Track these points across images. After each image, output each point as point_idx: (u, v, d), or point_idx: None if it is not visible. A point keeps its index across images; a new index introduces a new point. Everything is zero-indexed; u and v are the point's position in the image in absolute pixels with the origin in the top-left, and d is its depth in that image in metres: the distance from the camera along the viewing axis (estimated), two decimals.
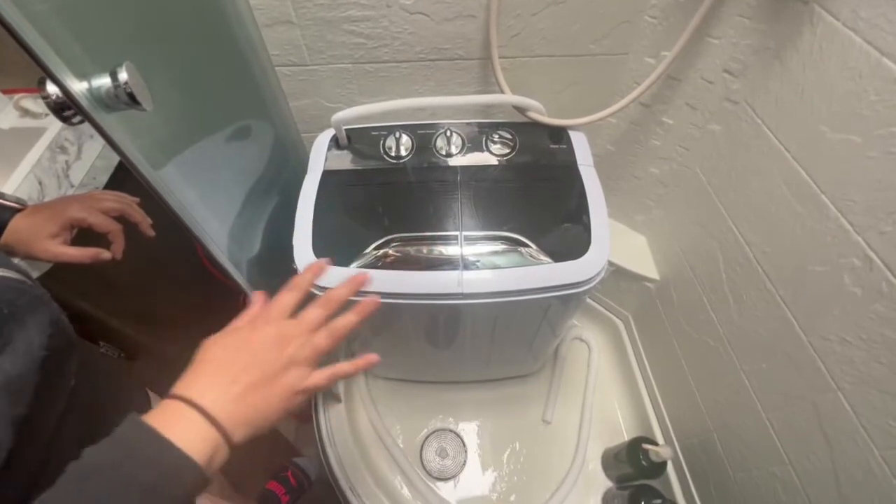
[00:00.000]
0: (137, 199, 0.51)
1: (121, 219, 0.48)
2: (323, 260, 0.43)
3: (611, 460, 0.89)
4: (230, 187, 0.63)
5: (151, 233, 0.50)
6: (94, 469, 0.25)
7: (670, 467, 0.81)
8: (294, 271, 0.59)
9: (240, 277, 0.60)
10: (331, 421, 0.89)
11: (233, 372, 0.32)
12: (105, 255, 0.45)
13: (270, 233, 0.67)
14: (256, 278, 0.62)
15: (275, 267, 0.64)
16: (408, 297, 0.57)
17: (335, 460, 0.84)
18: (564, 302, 0.61)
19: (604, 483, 0.89)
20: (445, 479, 0.90)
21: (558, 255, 0.57)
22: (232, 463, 0.33)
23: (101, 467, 0.25)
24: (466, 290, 0.56)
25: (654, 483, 0.78)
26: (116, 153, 0.38)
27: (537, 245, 0.58)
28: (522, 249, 0.58)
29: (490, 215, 0.60)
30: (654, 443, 0.78)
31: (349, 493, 0.80)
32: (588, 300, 1.03)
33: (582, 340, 1.06)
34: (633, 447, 0.78)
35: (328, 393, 0.90)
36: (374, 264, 0.59)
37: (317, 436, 0.88)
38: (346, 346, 0.97)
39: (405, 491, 0.88)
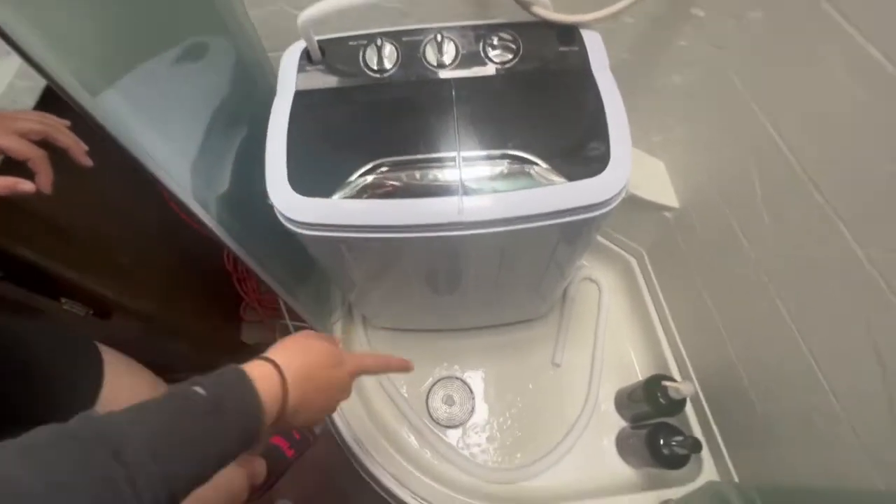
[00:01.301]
0: (67, 122, 0.42)
1: (46, 145, 0.40)
2: (410, 362, 0.51)
3: (624, 400, 0.85)
4: (189, 117, 0.54)
5: (87, 161, 0.42)
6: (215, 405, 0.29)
7: (688, 404, 0.77)
8: (269, 207, 0.51)
9: (209, 219, 0.52)
10: None
11: (313, 377, 0.39)
12: (25, 186, 0.37)
13: (241, 167, 0.59)
14: (229, 219, 0.55)
15: (249, 205, 0.56)
16: (401, 229, 0.50)
17: (337, 414, 0.80)
18: (579, 229, 0.54)
19: (617, 423, 0.86)
20: (454, 427, 0.87)
21: (572, 173, 0.49)
22: None
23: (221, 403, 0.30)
24: (468, 219, 0.49)
25: (671, 421, 0.74)
26: (41, 75, 0.30)
27: (547, 163, 0.50)
28: (530, 169, 0.50)
29: (491, 132, 0.52)
30: (673, 380, 0.73)
31: (355, 447, 0.77)
32: (598, 238, 0.96)
33: (592, 281, 1.00)
34: (650, 385, 0.74)
35: None
36: (360, 194, 0.51)
37: None
38: (341, 298, 0.91)
39: (412, 440, 0.85)
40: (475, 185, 0.50)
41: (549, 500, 0.77)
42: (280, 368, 0.36)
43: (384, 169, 0.51)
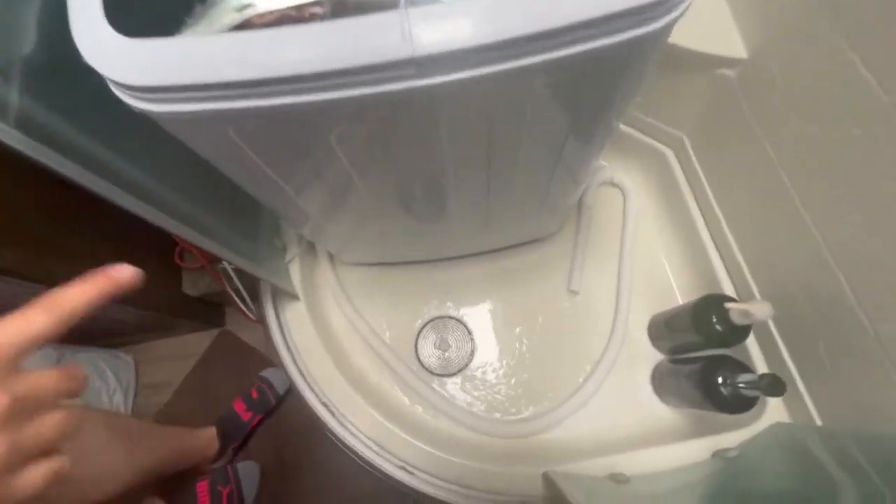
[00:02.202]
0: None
1: None
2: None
3: (661, 329, 0.68)
4: None
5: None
6: None
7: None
8: (86, 70, 0.29)
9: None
10: (288, 325, 0.67)
11: None
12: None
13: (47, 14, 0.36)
14: (35, 85, 0.33)
15: (64, 66, 0.34)
16: (306, 83, 0.28)
17: (300, 372, 0.64)
18: (612, 71, 0.32)
19: (653, 357, 0.69)
20: (450, 375, 0.71)
21: None
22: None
23: None
24: (422, 52, 0.27)
25: (727, 352, 0.57)
26: None
27: None
28: None
29: None
30: (732, 299, 0.55)
31: (321, 409, 0.61)
32: (621, 127, 0.73)
33: (613, 184, 0.79)
34: (702, 308, 0.56)
35: (278, 291, 0.67)
36: (230, 26, 0.29)
37: (275, 346, 0.66)
38: (296, 234, 0.71)
39: (399, 394, 0.69)
40: None
41: (572, 455, 0.62)
42: None
43: None
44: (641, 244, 0.74)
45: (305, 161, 0.39)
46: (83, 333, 0.83)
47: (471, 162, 0.43)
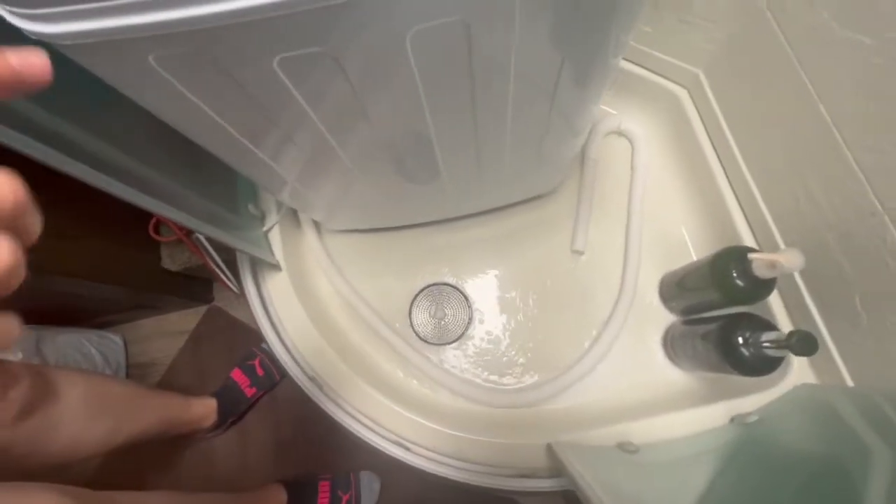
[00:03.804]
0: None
1: None
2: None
3: (673, 289, 0.63)
4: None
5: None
6: None
7: None
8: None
9: None
10: (271, 297, 0.62)
11: None
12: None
13: None
14: None
15: None
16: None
17: (284, 348, 0.60)
18: None
19: (664, 319, 0.64)
20: (447, 344, 0.67)
21: None
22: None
23: None
24: None
25: (748, 310, 0.51)
26: None
27: None
28: None
29: None
30: (755, 250, 0.49)
31: (308, 385, 0.57)
32: (624, 62, 0.66)
33: (620, 133, 0.72)
34: (723, 262, 0.50)
35: (258, 262, 0.62)
36: None
37: (257, 320, 0.62)
38: (275, 202, 0.66)
39: (393, 366, 0.66)
40: None
41: (579, 425, 0.59)
42: None
43: None
44: (651, 198, 0.68)
45: (256, 103, 0.33)
46: (65, 314, 0.79)
47: (452, 106, 0.37)
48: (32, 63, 0.14)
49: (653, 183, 0.69)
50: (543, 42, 0.31)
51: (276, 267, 0.63)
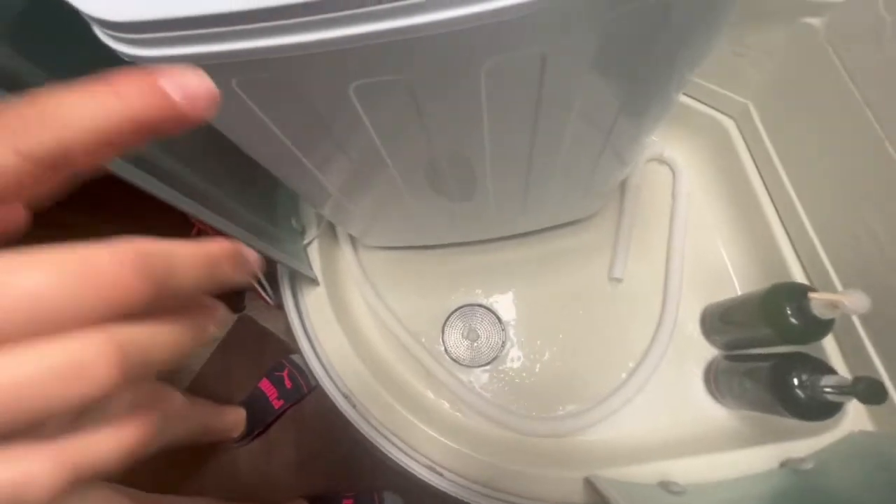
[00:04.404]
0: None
1: None
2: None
3: (715, 322, 0.61)
4: None
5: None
6: None
7: None
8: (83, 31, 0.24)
9: None
10: (308, 311, 0.63)
11: None
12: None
13: None
14: (30, 47, 0.28)
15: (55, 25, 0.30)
16: (320, 12, 0.22)
17: (319, 363, 0.60)
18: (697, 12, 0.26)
19: (706, 351, 0.62)
20: (479, 367, 0.66)
21: None
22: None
23: None
24: None
25: (803, 349, 0.49)
26: None
27: None
28: None
29: None
30: (810, 288, 0.47)
31: (342, 402, 0.57)
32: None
33: (662, 161, 0.71)
34: (775, 299, 0.48)
35: (296, 276, 0.63)
36: None
37: (294, 333, 0.63)
38: (315, 215, 0.67)
39: (424, 387, 0.65)
40: None
41: (615, 459, 0.57)
42: None
43: None
44: (693, 227, 0.66)
45: (323, 124, 0.33)
46: None
47: (512, 132, 0.37)
48: (194, 88, 0.11)
49: (695, 212, 0.67)
50: (613, 75, 0.31)
51: (314, 281, 0.64)
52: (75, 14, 0.24)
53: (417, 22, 0.22)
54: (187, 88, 0.11)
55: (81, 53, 0.29)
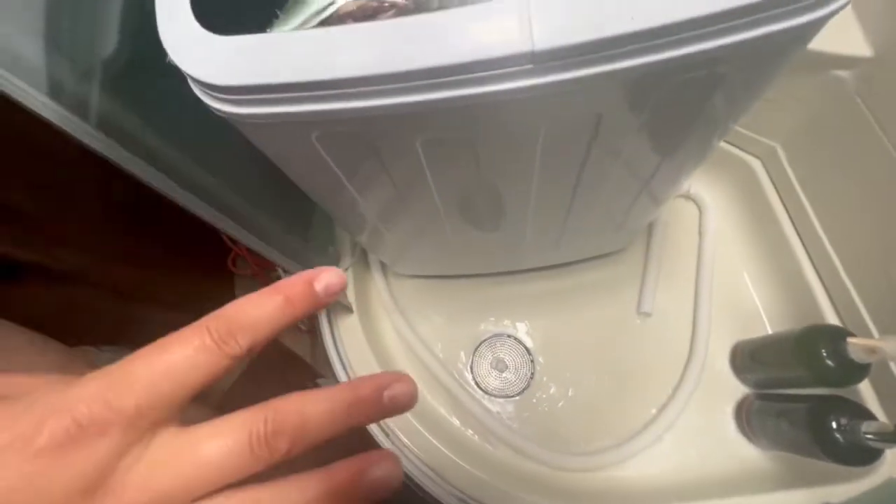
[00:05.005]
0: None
1: None
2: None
3: (745, 360, 0.61)
4: None
5: None
6: None
7: None
8: (168, 69, 0.27)
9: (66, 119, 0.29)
10: (342, 338, 0.64)
11: None
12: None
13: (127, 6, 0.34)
14: (116, 85, 0.31)
15: (144, 67, 0.33)
16: (408, 83, 0.25)
17: None
18: (766, 60, 0.28)
19: (737, 389, 0.62)
20: (507, 397, 0.66)
21: None
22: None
23: None
24: (545, 45, 0.23)
25: (841, 392, 0.49)
26: None
27: None
28: None
29: None
30: (847, 332, 0.48)
31: (374, 429, 0.58)
32: None
33: (688, 198, 0.72)
34: (811, 341, 0.49)
35: (332, 303, 0.65)
36: (328, 22, 0.27)
37: (327, 358, 0.64)
38: (350, 242, 0.69)
39: (452, 417, 0.65)
40: None
41: (645, 497, 0.56)
42: None
43: None
44: (722, 264, 0.67)
45: (385, 169, 0.36)
46: (141, 338, 0.83)
47: (558, 180, 0.39)
48: (332, 285, 0.17)
49: (723, 249, 0.68)
50: (663, 131, 0.33)
51: (347, 308, 0.65)
52: (166, 65, 0.26)
53: (522, 85, 0.24)
54: (330, 287, 0.18)
55: (172, 103, 0.32)
